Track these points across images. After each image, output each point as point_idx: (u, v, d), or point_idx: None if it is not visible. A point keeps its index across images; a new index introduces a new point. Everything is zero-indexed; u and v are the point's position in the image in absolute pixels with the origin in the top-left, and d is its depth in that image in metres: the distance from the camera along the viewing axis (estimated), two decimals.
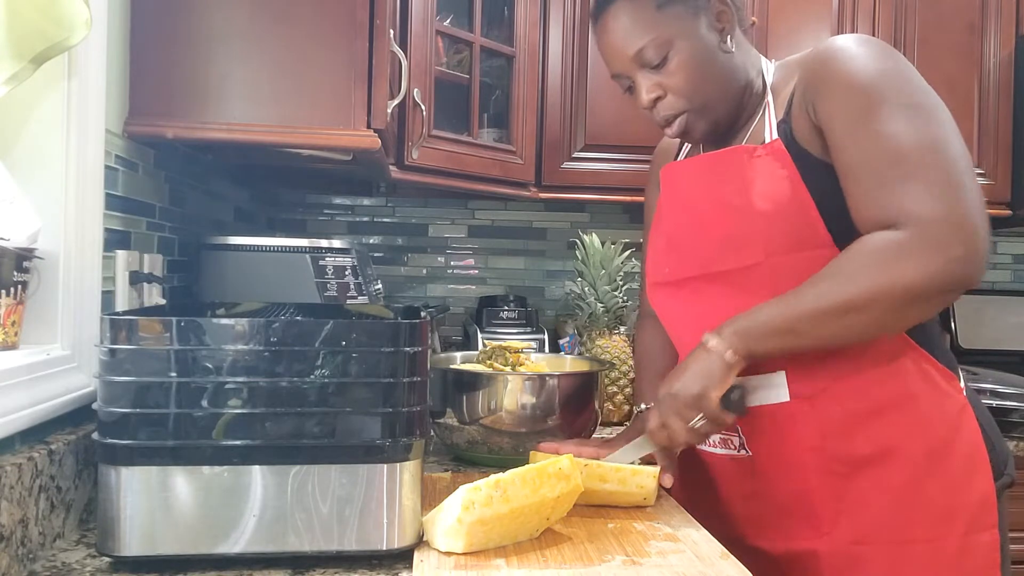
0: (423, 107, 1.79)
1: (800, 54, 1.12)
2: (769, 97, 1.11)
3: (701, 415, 1.01)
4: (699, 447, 1.18)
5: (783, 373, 1.07)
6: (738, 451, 1.13)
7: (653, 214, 1.30)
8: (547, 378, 1.29)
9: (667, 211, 1.20)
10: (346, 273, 1.49)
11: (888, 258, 0.93)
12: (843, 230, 1.00)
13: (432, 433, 1.32)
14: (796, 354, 1.03)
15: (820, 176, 1.02)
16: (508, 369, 1.38)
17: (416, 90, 1.77)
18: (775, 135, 1.07)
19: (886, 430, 1.04)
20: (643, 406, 1.27)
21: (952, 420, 1.04)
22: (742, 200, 1.06)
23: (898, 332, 1.03)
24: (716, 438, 1.15)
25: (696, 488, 1.22)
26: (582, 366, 1.49)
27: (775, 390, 1.08)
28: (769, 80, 1.13)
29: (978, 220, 0.93)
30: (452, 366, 1.43)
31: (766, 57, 1.18)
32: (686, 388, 1.01)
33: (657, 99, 1.12)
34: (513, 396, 1.27)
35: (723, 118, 1.13)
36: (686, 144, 1.29)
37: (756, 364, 1.05)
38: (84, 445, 0.99)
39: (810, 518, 1.08)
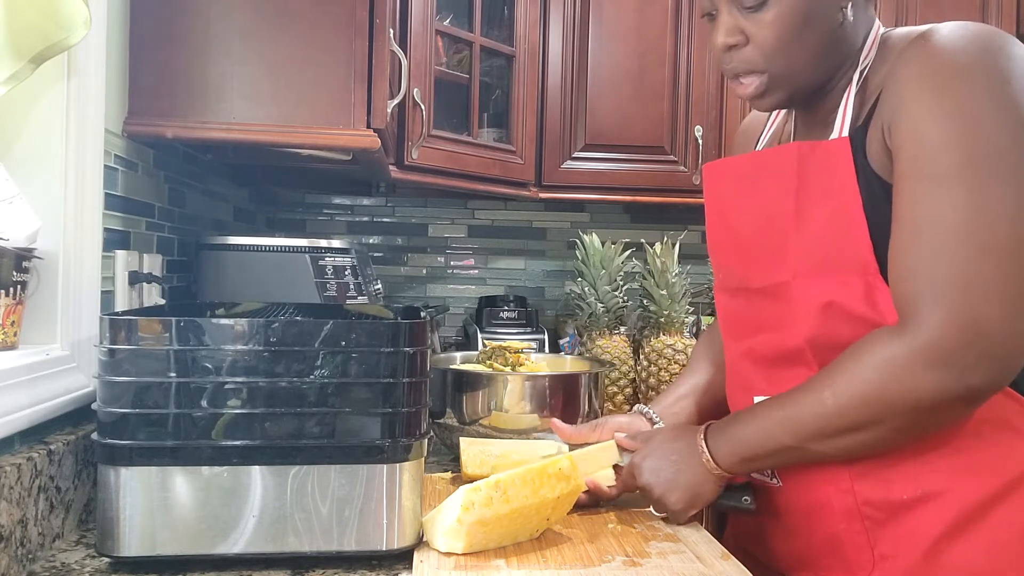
0: (423, 107, 1.79)
1: (905, 32, 0.92)
2: (856, 77, 0.93)
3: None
4: None
5: None
6: (770, 479, 1.01)
7: None
8: (547, 378, 1.29)
9: (709, 218, 1.10)
10: (346, 273, 1.48)
11: (888, 371, 0.82)
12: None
13: (432, 433, 1.31)
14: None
15: (881, 198, 0.87)
16: (508, 369, 1.38)
17: (416, 90, 1.77)
18: (845, 133, 0.91)
19: (928, 474, 0.89)
20: (647, 410, 1.17)
21: None
22: (780, 206, 0.93)
23: (922, 438, 0.89)
24: None
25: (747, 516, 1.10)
26: (582, 366, 1.49)
27: None
28: (868, 56, 0.94)
29: (999, 322, 0.79)
30: (452, 366, 1.43)
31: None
32: (670, 494, 0.98)
33: (734, 47, 0.93)
34: (513, 396, 1.27)
35: (802, 91, 0.96)
36: (770, 118, 1.13)
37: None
38: (83, 445, 0.99)
39: (845, 564, 0.94)
